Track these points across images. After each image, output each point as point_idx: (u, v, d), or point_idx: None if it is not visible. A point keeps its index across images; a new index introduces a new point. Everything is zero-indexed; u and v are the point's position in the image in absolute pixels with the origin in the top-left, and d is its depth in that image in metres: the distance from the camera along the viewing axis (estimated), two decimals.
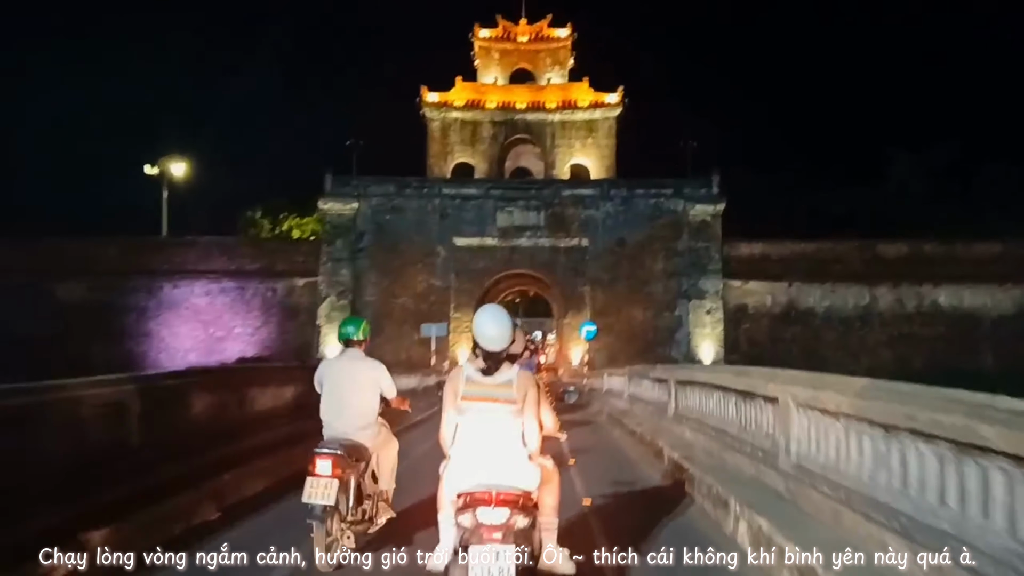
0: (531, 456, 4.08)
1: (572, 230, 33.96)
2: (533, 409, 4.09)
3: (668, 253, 33.84)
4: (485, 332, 4.08)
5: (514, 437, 4.02)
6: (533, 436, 4.08)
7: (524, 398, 4.02)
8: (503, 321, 4.11)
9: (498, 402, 4.00)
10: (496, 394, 4.00)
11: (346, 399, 5.48)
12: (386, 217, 34.24)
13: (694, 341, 33.23)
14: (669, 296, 33.69)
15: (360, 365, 5.64)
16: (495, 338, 4.05)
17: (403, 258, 34.00)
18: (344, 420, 5.43)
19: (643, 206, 34.12)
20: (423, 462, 6.46)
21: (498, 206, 34.12)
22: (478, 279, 34.07)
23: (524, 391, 4.03)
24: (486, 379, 4.03)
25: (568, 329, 34.13)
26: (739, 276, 34.13)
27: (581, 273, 33.92)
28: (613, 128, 38.78)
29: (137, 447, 6.36)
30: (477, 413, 4.01)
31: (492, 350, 4.06)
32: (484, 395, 4.01)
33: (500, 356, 4.07)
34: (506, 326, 4.10)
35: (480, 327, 4.12)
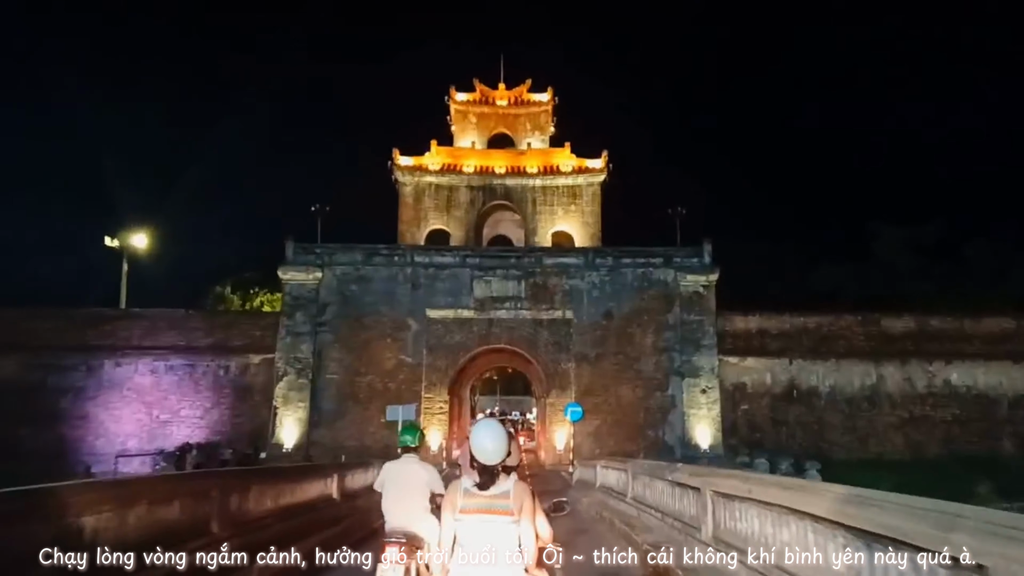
0: (527, 569, 4.21)
1: (555, 301, 31.46)
2: (529, 519, 4.22)
3: (658, 327, 31.37)
4: (482, 446, 4.23)
5: (511, 548, 4.15)
6: (530, 547, 4.22)
7: (520, 508, 4.17)
8: (499, 435, 4.28)
9: (495, 513, 4.16)
10: (493, 505, 4.17)
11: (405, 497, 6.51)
12: (352, 287, 31.55)
13: (689, 423, 30.40)
14: (660, 374, 31.03)
15: (416, 468, 6.74)
16: (492, 452, 4.22)
17: (370, 332, 31.18)
18: (403, 514, 6.45)
19: (631, 276, 31.80)
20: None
21: (475, 275, 31.63)
22: (453, 355, 31.26)
23: (520, 501, 4.18)
24: (483, 492, 4.19)
25: (551, 410, 31.21)
26: (735, 352, 31.65)
27: (565, 348, 31.26)
28: (597, 194, 36.83)
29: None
30: (475, 525, 4.16)
31: (488, 464, 4.21)
32: (482, 507, 4.17)
33: (495, 469, 4.23)
34: (502, 440, 4.27)
35: (477, 442, 4.25)
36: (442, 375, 31.07)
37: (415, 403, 27.92)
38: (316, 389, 30.61)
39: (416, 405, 27.12)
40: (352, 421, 30.49)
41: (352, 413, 30.56)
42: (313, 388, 30.57)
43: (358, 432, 30.32)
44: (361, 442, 30.06)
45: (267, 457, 29.82)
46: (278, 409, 30.36)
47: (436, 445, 30.37)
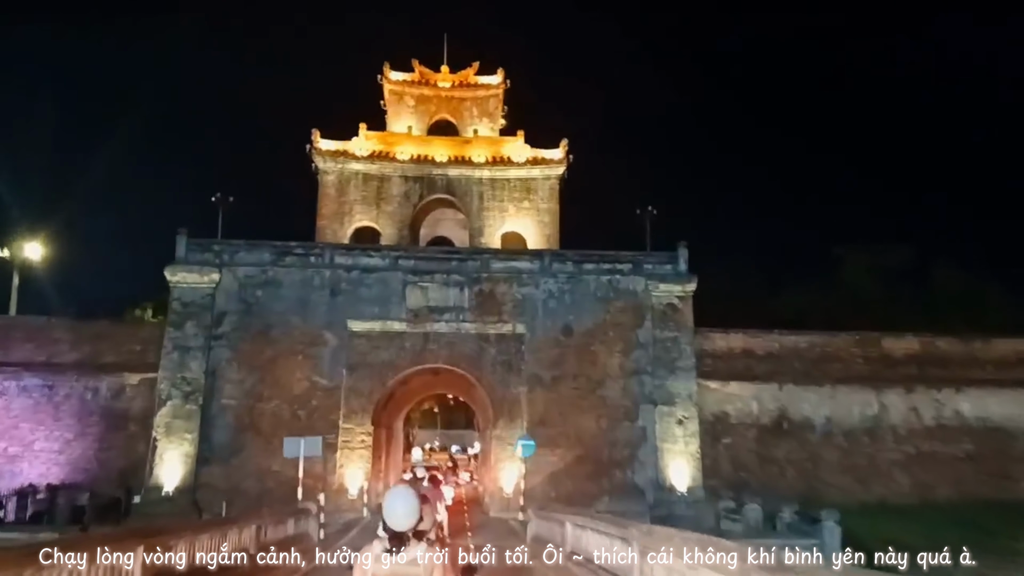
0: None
1: (504, 313, 26.51)
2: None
3: (627, 345, 26.64)
4: (392, 512, 4.41)
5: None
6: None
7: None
8: (409, 501, 4.45)
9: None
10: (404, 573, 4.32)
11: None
12: (257, 293, 26.10)
13: (663, 461, 25.61)
14: (629, 401, 26.24)
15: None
16: (402, 518, 4.39)
17: (278, 347, 25.71)
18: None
19: (594, 285, 27.07)
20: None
21: (408, 281, 26.51)
22: (379, 376, 25.97)
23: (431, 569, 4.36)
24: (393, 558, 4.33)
25: (498, 444, 26.08)
26: (716, 376, 27.11)
27: (515, 369, 26.26)
28: (555, 190, 32.14)
29: None
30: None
31: (399, 530, 4.37)
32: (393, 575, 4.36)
33: (406, 536, 4.38)
34: (413, 506, 4.44)
35: (387, 507, 4.44)
36: (365, 401, 25.72)
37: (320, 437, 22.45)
38: (207, 417, 24.94)
39: (321, 438, 21.61)
40: (251, 458, 24.91)
41: (252, 448, 24.95)
42: (204, 416, 24.90)
43: (259, 471, 24.74)
44: (262, 484, 24.51)
45: (142, 503, 24.01)
46: (158, 442, 24.56)
47: (355, 488, 24.94)
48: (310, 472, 24.60)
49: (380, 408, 27.48)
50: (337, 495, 24.82)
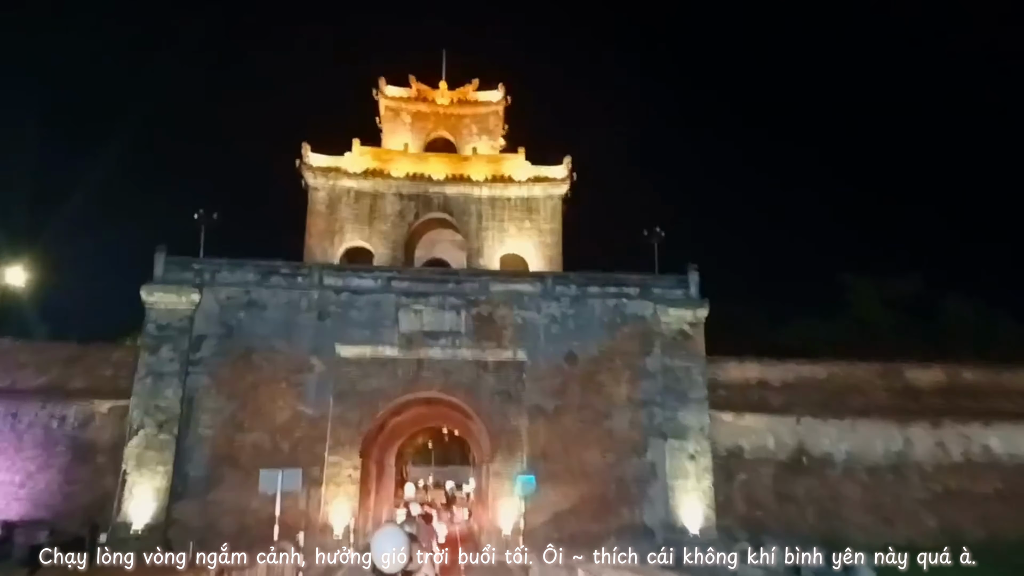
0: None
1: (504, 339, 24.93)
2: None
3: (634, 373, 25.03)
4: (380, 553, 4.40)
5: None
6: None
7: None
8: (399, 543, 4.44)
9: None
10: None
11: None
12: (240, 316, 24.48)
13: (674, 499, 23.86)
14: (637, 433, 24.56)
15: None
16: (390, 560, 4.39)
17: (260, 374, 24.04)
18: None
19: (600, 309, 25.53)
20: None
21: (402, 303, 24.94)
22: (368, 405, 24.27)
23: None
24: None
25: (496, 480, 24.31)
26: (730, 407, 25.48)
27: (515, 398, 24.60)
28: (558, 209, 30.73)
29: None
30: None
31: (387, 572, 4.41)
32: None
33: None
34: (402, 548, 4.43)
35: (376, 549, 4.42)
36: (353, 432, 23.98)
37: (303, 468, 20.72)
38: (182, 449, 23.17)
39: (301, 471, 19.81)
40: (229, 493, 23.08)
41: (230, 482, 23.14)
42: (178, 447, 23.13)
43: (237, 508, 22.90)
44: (241, 522, 22.64)
45: (108, 541, 22.08)
46: (128, 475, 22.75)
47: (341, 526, 23.09)
48: (291, 509, 22.82)
49: (370, 440, 25.73)
50: (321, 534, 22.96)
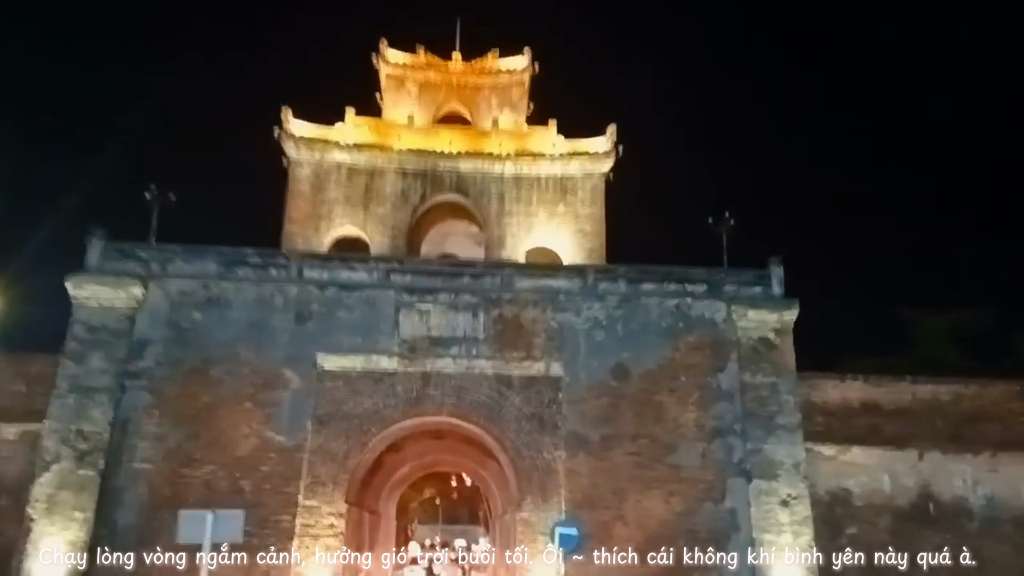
0: None
1: (534, 348, 19.54)
2: None
3: (705, 394, 19.52)
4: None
5: None
6: None
7: None
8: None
9: None
10: None
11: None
12: (195, 316, 19.23)
13: (763, 560, 18.04)
14: (711, 472, 18.92)
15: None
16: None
17: (218, 391, 18.68)
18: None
19: (657, 311, 20.13)
20: None
21: (403, 302, 19.66)
22: (359, 433, 18.79)
23: None
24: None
25: (525, 532, 18.58)
26: (830, 439, 19.81)
27: (550, 425, 19.09)
28: (600, 191, 25.41)
29: None
30: None
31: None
32: None
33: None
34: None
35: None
36: (337, 468, 18.46)
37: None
38: (110, 489, 17.70)
39: (243, 513, 14.06)
40: (174, 549, 17.42)
41: (173, 534, 17.46)
42: (105, 487, 17.66)
43: (187, 571, 17.29)
44: None
45: None
46: (34, 523, 17.22)
47: None
48: (250, 569, 17.28)
49: (360, 480, 20.20)
50: None
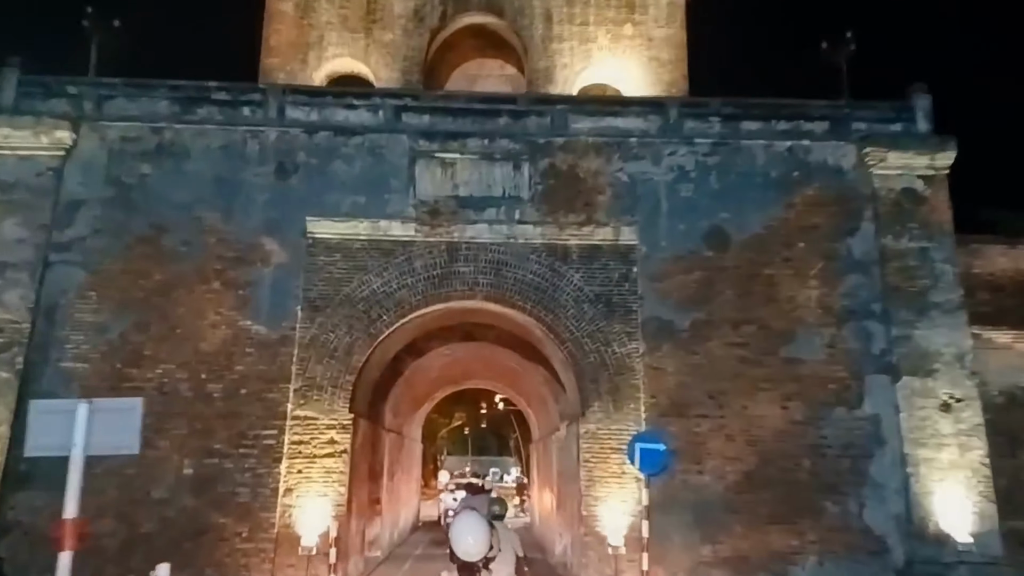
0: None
1: (598, 209, 14.69)
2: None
3: (830, 265, 14.60)
4: (462, 542, 4.44)
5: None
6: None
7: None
8: (481, 530, 4.51)
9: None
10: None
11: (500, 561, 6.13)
12: (142, 170, 14.57)
13: (918, 483, 13.36)
14: (843, 368, 14.13)
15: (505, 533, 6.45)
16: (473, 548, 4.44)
17: (174, 268, 14.12)
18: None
19: (763, 157, 15.12)
20: None
21: (421, 151, 14.84)
22: (364, 323, 14.17)
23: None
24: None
25: (591, 449, 13.98)
26: (1000, 320, 14.86)
27: (621, 310, 14.37)
28: (679, 6, 19.68)
29: None
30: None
31: (470, 560, 4.43)
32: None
33: (477, 566, 4.46)
34: (484, 535, 4.50)
35: (457, 537, 4.46)
36: (337, 367, 13.94)
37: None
38: (33, 396, 13.17)
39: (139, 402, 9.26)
40: (115, 476, 13.11)
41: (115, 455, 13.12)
42: (26, 392, 13.18)
43: (131, 500, 13.04)
44: (132, 527, 12.91)
45: None
46: None
47: (315, 534, 13.09)
48: (220, 502, 13.01)
49: (372, 385, 15.73)
50: (281, 549, 13.01)
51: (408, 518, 25.65)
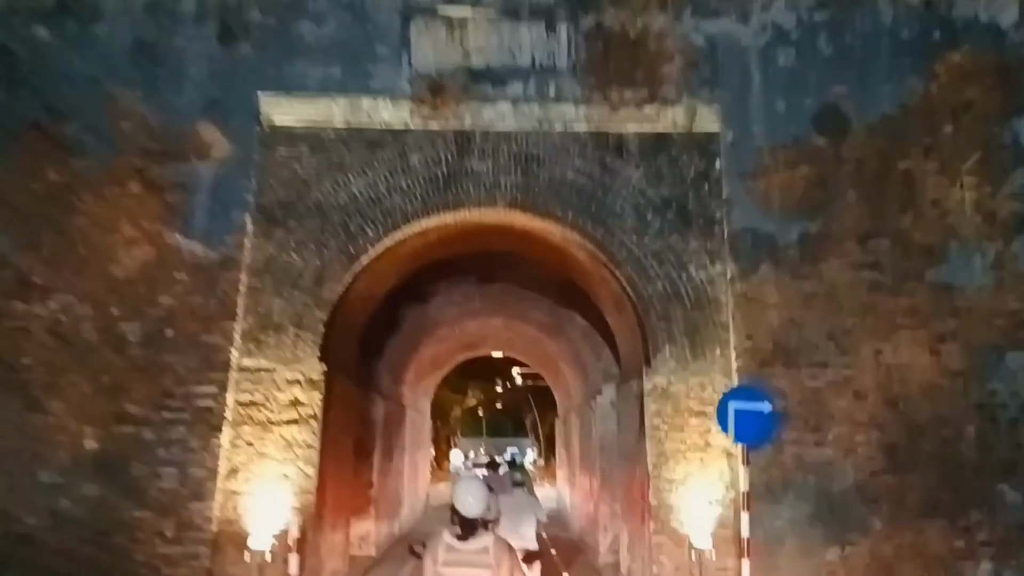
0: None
1: (664, 84, 10.68)
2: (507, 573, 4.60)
3: (992, 156, 10.54)
4: (463, 499, 4.72)
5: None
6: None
7: (500, 564, 4.60)
8: (480, 490, 4.82)
9: (476, 568, 4.58)
10: (474, 560, 4.60)
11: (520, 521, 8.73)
12: (31, 32, 10.64)
13: None
14: (1013, 294, 10.10)
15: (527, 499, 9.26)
16: (473, 505, 4.72)
17: (74, 164, 10.22)
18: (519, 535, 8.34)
19: (890, 12, 11.05)
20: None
21: (416, 6, 10.84)
22: (341, 240, 10.29)
23: (500, 558, 4.62)
24: (463, 545, 4.66)
25: (662, 412, 10.04)
26: None
27: (699, 222, 10.42)
28: None
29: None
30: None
31: (469, 516, 4.70)
32: (462, 562, 4.60)
33: (476, 522, 4.72)
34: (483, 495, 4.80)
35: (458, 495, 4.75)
36: (305, 299, 10.09)
37: None
38: None
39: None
40: None
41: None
42: None
43: (13, 482, 9.27)
44: (7, 521, 9.09)
45: None
46: None
47: (268, 530, 9.23)
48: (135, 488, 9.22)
49: (357, 332, 11.87)
50: (219, 548, 9.24)
51: (415, 506, 21.89)
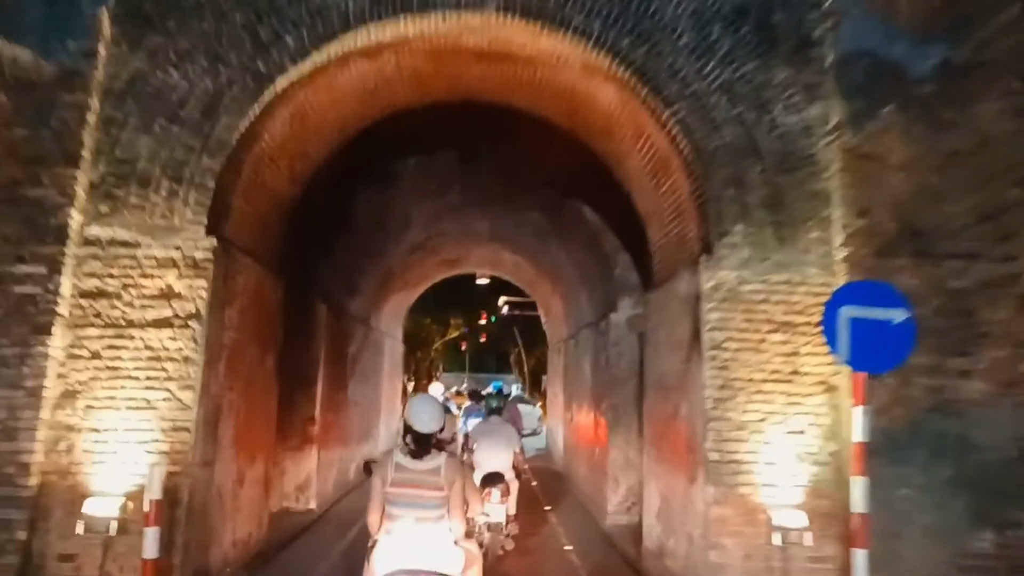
0: (456, 540, 4.45)
1: None
2: (459, 495, 4.46)
3: None
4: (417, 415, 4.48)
5: (440, 522, 4.36)
6: (458, 521, 4.44)
7: (451, 483, 4.40)
8: (435, 406, 4.62)
9: (425, 488, 4.36)
10: (424, 480, 4.37)
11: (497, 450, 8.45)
12: None
13: None
14: None
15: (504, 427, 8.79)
16: (427, 421, 4.47)
17: None
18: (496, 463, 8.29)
19: None
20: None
21: None
22: (242, 50, 6.79)
23: (451, 478, 4.41)
24: (415, 464, 4.42)
25: (725, 319, 6.70)
26: None
27: (787, 39, 6.93)
28: None
29: None
30: (404, 498, 4.35)
31: (423, 432, 4.46)
32: (412, 481, 4.38)
33: (430, 440, 4.48)
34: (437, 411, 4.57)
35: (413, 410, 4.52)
36: (188, 138, 6.60)
37: None
38: None
39: None
40: None
41: None
42: None
43: None
44: None
45: None
46: None
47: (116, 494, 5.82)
48: None
49: (273, 202, 8.38)
50: (42, 512, 5.93)
51: (379, 447, 18.73)
